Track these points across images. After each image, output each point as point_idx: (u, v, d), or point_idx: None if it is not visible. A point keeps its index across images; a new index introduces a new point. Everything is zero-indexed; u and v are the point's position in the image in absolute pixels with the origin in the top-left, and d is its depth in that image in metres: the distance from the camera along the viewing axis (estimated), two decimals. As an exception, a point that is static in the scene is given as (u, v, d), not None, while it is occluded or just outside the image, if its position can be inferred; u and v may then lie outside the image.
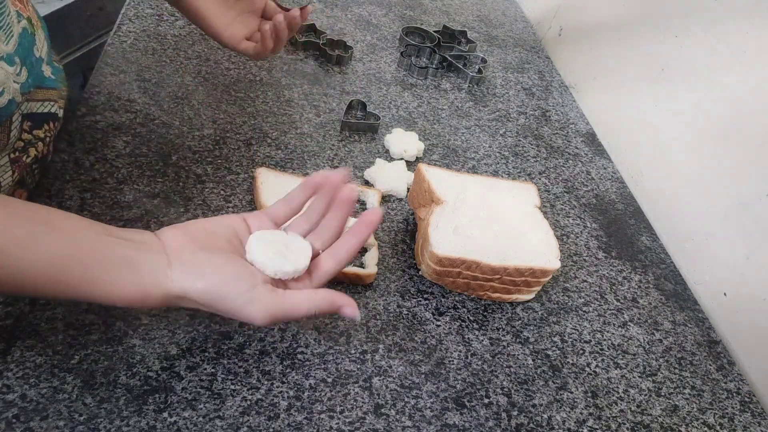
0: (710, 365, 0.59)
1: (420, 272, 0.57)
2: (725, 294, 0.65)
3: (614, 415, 0.51)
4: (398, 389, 0.47)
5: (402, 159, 0.70)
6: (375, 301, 0.53)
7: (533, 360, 0.53)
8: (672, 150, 0.76)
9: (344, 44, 0.86)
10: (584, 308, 0.60)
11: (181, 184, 0.58)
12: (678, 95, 0.76)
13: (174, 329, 0.46)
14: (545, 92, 0.95)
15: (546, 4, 1.13)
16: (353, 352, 0.49)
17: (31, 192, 0.55)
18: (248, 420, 0.42)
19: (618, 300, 0.62)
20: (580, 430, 0.49)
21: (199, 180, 0.59)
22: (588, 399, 0.52)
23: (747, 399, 0.57)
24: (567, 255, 0.65)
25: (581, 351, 0.56)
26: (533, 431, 0.48)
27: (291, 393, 0.44)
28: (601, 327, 0.59)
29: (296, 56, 0.83)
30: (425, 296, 0.56)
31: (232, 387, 0.43)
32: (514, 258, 0.54)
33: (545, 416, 0.49)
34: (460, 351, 0.52)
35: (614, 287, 0.64)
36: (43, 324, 0.43)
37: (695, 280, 0.69)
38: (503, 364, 0.52)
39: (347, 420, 0.44)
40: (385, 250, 0.58)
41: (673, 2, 0.79)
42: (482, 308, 0.56)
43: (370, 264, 0.54)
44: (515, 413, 0.48)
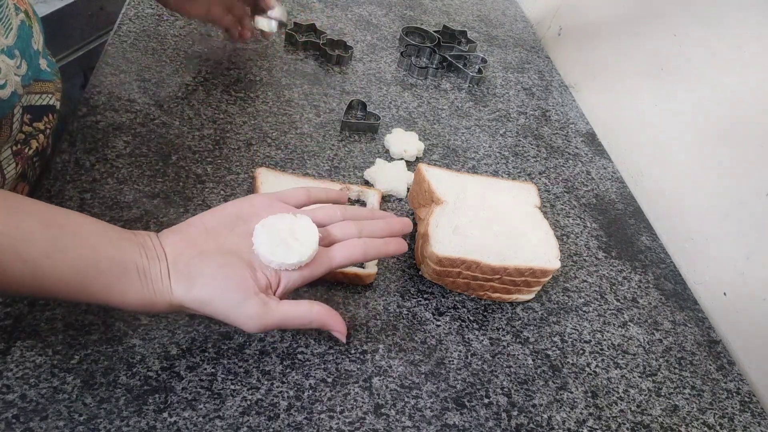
0: (710, 365, 0.59)
1: (420, 272, 0.57)
2: (725, 294, 0.65)
3: (614, 415, 0.51)
4: (398, 389, 0.47)
5: (402, 159, 0.70)
6: (375, 301, 0.53)
7: (533, 360, 0.53)
8: (672, 150, 0.76)
9: (344, 44, 0.86)
10: (584, 308, 0.60)
11: (181, 184, 0.58)
12: (678, 95, 0.76)
13: (174, 329, 0.46)
14: (545, 92, 0.95)
15: (546, 4, 1.13)
16: (353, 352, 0.49)
17: (33, 188, 0.55)
18: (248, 420, 0.42)
19: (618, 300, 0.62)
20: (580, 430, 0.49)
21: (199, 180, 0.59)
22: (588, 399, 0.52)
23: (747, 399, 0.57)
24: (567, 255, 0.65)
25: (581, 351, 0.56)
26: (533, 431, 0.48)
27: (291, 393, 0.44)
28: (601, 327, 0.59)
29: (296, 56, 0.83)
30: (425, 296, 0.56)
31: (232, 387, 0.43)
32: (514, 258, 0.54)
33: (545, 416, 0.49)
34: (460, 351, 0.52)
35: (614, 287, 0.64)
36: (43, 324, 0.43)
37: (695, 280, 0.69)
38: (503, 364, 0.52)
39: (347, 420, 0.44)
40: (385, 250, 0.58)
41: (673, 2, 0.79)
42: (482, 308, 0.56)
43: (370, 264, 0.54)
44: (515, 413, 0.48)
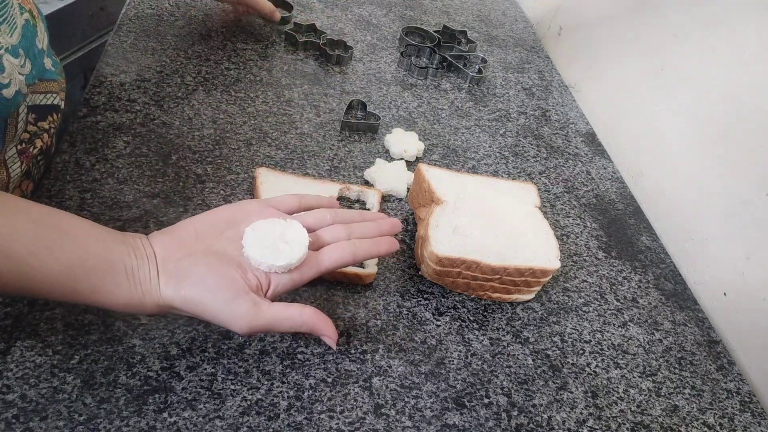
0: (710, 365, 0.59)
1: (420, 272, 0.57)
2: (725, 294, 0.65)
3: (614, 415, 0.51)
4: (398, 389, 0.47)
5: (402, 159, 0.70)
6: (375, 301, 0.53)
7: (533, 360, 0.53)
8: (672, 150, 0.76)
9: (344, 44, 0.86)
10: (584, 308, 0.60)
11: (181, 184, 0.58)
12: (678, 95, 0.76)
13: (174, 329, 0.46)
14: (545, 92, 0.95)
15: (546, 4, 1.13)
16: (353, 352, 0.49)
17: (36, 186, 0.56)
18: (248, 420, 0.42)
19: (618, 300, 0.62)
20: (580, 430, 0.49)
21: (199, 180, 0.59)
22: (588, 399, 0.52)
23: (747, 399, 0.57)
24: (567, 255, 0.65)
25: (581, 351, 0.56)
26: (533, 431, 0.48)
27: (291, 393, 0.44)
28: (601, 327, 0.59)
29: (296, 56, 0.83)
30: (425, 296, 0.56)
31: (232, 387, 0.43)
32: (514, 258, 0.54)
33: (545, 416, 0.49)
34: (460, 351, 0.52)
35: (614, 287, 0.64)
36: (43, 324, 0.43)
37: (695, 280, 0.69)
38: (503, 364, 0.52)
39: (347, 420, 0.44)
40: (385, 250, 0.58)
41: (673, 2, 0.79)
42: (482, 308, 0.56)
43: (370, 264, 0.55)
44: (515, 413, 0.48)
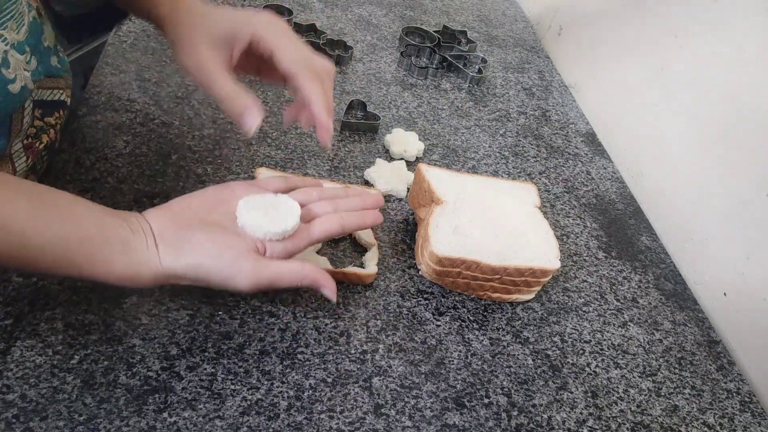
0: (710, 365, 0.59)
1: (420, 272, 0.57)
2: (725, 294, 0.65)
3: (614, 415, 0.51)
4: (398, 389, 0.47)
5: (402, 159, 0.70)
6: (375, 301, 0.53)
7: (533, 360, 0.53)
8: (672, 150, 0.76)
9: (344, 44, 0.86)
10: (584, 308, 0.60)
11: (181, 184, 0.58)
12: (678, 95, 0.76)
13: (174, 329, 0.46)
14: (545, 92, 0.95)
15: (546, 4, 1.13)
16: (353, 352, 0.49)
17: (40, 182, 0.56)
18: (248, 420, 0.42)
19: (618, 300, 0.62)
20: (580, 430, 0.49)
21: (199, 180, 0.59)
22: (588, 399, 0.52)
23: (747, 399, 0.57)
24: (567, 255, 0.65)
25: (581, 351, 0.56)
26: (533, 431, 0.48)
27: (291, 393, 0.44)
28: (601, 327, 0.59)
29: (296, 56, 0.82)
30: (425, 296, 0.56)
31: (232, 387, 0.43)
32: (514, 258, 0.54)
33: (545, 416, 0.49)
34: (460, 351, 0.52)
35: (614, 287, 0.64)
36: (43, 324, 0.43)
37: (695, 280, 0.69)
38: (503, 364, 0.52)
39: (347, 420, 0.44)
40: (385, 250, 0.58)
41: (673, 2, 0.79)
42: (482, 308, 0.56)
43: (370, 264, 0.54)
44: (515, 413, 0.48)
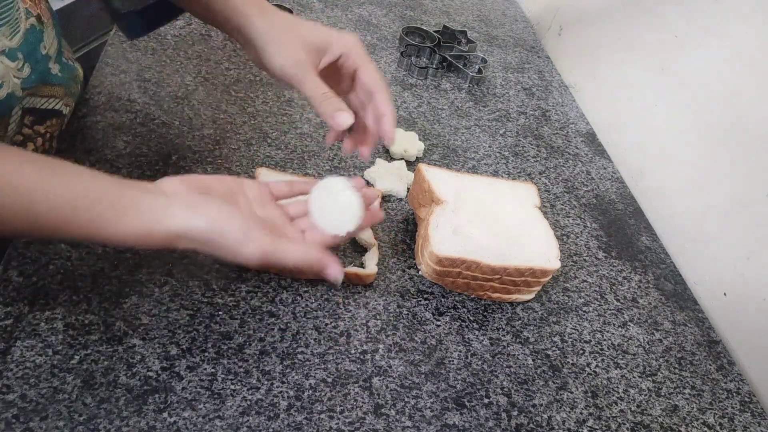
0: (710, 365, 0.59)
1: (420, 272, 0.57)
2: (725, 294, 0.65)
3: (614, 415, 0.51)
4: (398, 389, 0.47)
5: (402, 159, 0.70)
6: (375, 301, 0.53)
7: (533, 360, 0.53)
8: (672, 150, 0.76)
9: (344, 44, 0.86)
10: (584, 308, 0.60)
11: (181, 184, 0.58)
12: (678, 95, 0.76)
13: (174, 329, 0.46)
14: (545, 92, 0.95)
15: (546, 4, 1.13)
16: (353, 352, 0.49)
17: None
18: (248, 420, 0.42)
19: (618, 300, 0.62)
20: (580, 430, 0.49)
21: (199, 180, 0.59)
22: (588, 399, 0.52)
23: (747, 399, 0.57)
24: (567, 255, 0.65)
25: (581, 351, 0.56)
26: (533, 431, 0.48)
27: (291, 393, 0.44)
28: (601, 327, 0.59)
29: (296, 56, 0.82)
30: (425, 296, 0.56)
31: (232, 387, 0.43)
32: (514, 258, 0.54)
33: (545, 416, 0.49)
34: (460, 351, 0.52)
35: (614, 287, 0.64)
36: (43, 324, 0.43)
37: (695, 280, 0.69)
38: (503, 364, 0.52)
39: (347, 420, 0.44)
40: (385, 250, 0.58)
41: (673, 2, 0.79)
42: (482, 308, 0.56)
43: (370, 264, 0.54)
44: (515, 413, 0.48)
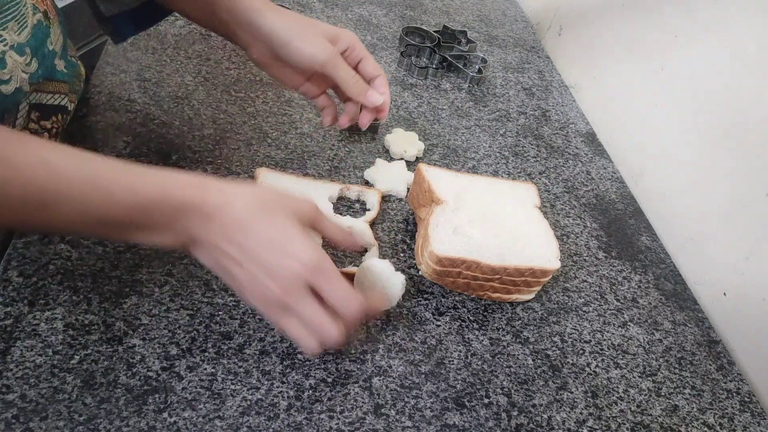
0: (710, 365, 0.59)
1: (420, 272, 0.57)
2: (725, 294, 0.65)
3: (614, 415, 0.51)
4: (398, 389, 0.47)
5: (402, 159, 0.70)
6: (375, 301, 0.53)
7: (533, 360, 0.53)
8: (672, 150, 0.76)
9: (344, 44, 0.86)
10: (584, 308, 0.60)
11: (181, 184, 0.58)
12: (678, 95, 0.76)
13: (174, 329, 0.46)
14: (545, 92, 0.95)
15: (546, 4, 1.13)
16: (353, 352, 0.49)
17: None
18: (248, 420, 0.42)
19: (618, 300, 0.62)
20: (580, 430, 0.49)
21: (199, 180, 0.59)
22: (588, 399, 0.52)
23: (747, 399, 0.57)
24: (567, 255, 0.65)
25: (581, 351, 0.56)
26: (533, 431, 0.48)
27: (291, 393, 0.44)
28: (601, 327, 0.59)
29: (296, 56, 0.82)
30: (425, 296, 0.56)
31: (232, 387, 0.43)
32: (514, 258, 0.54)
33: (545, 416, 0.49)
34: (460, 351, 0.52)
35: (614, 287, 0.64)
36: (43, 324, 0.43)
37: (695, 280, 0.69)
38: (503, 364, 0.52)
39: (347, 420, 0.44)
40: (385, 250, 0.58)
41: (673, 2, 0.79)
42: (482, 308, 0.56)
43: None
44: (515, 413, 0.48)
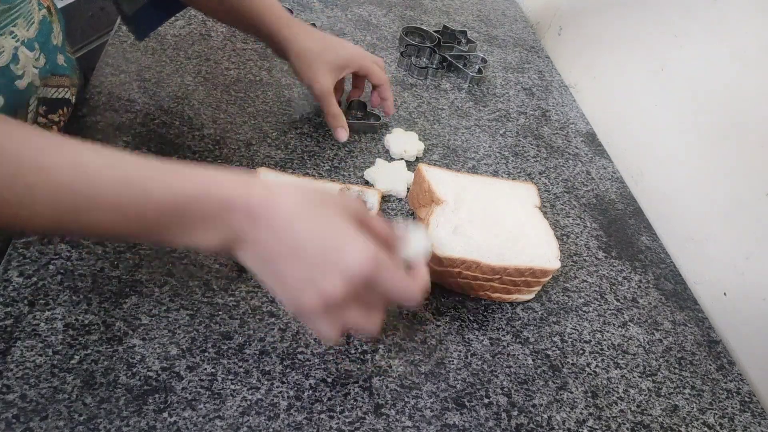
0: (710, 365, 0.59)
1: (420, 272, 0.57)
2: (725, 294, 0.65)
3: (614, 415, 0.51)
4: (398, 389, 0.47)
5: (402, 159, 0.70)
6: (375, 301, 0.53)
7: (533, 360, 0.53)
8: (672, 150, 0.76)
9: (344, 44, 0.86)
10: (584, 308, 0.60)
11: (181, 184, 0.58)
12: (678, 95, 0.76)
13: (174, 329, 0.46)
14: (545, 92, 0.95)
15: (546, 4, 1.13)
16: (353, 352, 0.49)
17: None
18: (248, 420, 0.42)
19: (618, 300, 0.62)
20: (580, 430, 0.49)
21: (199, 180, 0.59)
22: (588, 399, 0.52)
23: (747, 399, 0.57)
24: (567, 255, 0.65)
25: (581, 351, 0.56)
26: (533, 431, 0.48)
27: (291, 393, 0.44)
28: (601, 327, 0.59)
29: (296, 56, 0.82)
30: (425, 296, 0.55)
31: (232, 387, 0.43)
32: (514, 258, 0.54)
33: (545, 416, 0.49)
34: (460, 351, 0.52)
35: (614, 287, 0.64)
36: (43, 324, 0.43)
37: (695, 280, 0.69)
38: (503, 364, 0.52)
39: (347, 420, 0.44)
40: (385, 250, 0.58)
41: (673, 2, 0.79)
42: (482, 308, 0.56)
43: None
44: (515, 413, 0.48)
